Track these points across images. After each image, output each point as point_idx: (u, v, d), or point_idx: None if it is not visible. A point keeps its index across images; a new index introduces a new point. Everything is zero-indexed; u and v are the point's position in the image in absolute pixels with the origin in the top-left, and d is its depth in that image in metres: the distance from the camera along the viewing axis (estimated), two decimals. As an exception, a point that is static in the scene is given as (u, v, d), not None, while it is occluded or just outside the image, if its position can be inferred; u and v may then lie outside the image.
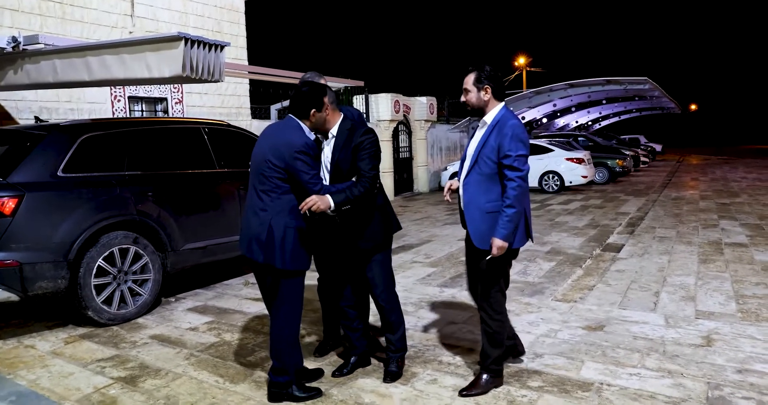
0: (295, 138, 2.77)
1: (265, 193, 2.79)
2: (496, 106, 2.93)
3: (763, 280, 5.10)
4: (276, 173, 2.76)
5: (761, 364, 3.23)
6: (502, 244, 2.78)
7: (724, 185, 14.73)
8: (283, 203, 2.78)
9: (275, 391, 2.92)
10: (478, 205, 2.88)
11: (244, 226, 2.90)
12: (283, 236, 2.76)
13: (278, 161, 2.74)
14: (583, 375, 3.15)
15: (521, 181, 2.77)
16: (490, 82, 2.90)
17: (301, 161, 2.73)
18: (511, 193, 2.76)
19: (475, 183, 2.89)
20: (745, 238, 7.11)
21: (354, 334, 3.29)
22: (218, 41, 4.36)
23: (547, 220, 9.24)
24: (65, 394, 3.07)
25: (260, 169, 2.80)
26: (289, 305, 2.87)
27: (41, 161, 4.09)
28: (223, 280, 5.57)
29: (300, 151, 2.73)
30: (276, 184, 2.77)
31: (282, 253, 2.76)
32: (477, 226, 2.88)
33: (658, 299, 4.58)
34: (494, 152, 2.83)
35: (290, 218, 2.78)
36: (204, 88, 11.13)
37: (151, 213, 4.56)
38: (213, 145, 5.33)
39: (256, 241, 2.79)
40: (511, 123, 2.84)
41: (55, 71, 4.77)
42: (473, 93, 2.93)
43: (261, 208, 2.80)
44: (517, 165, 2.77)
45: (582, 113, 27.67)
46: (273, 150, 2.77)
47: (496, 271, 2.92)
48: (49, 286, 3.96)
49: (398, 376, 3.15)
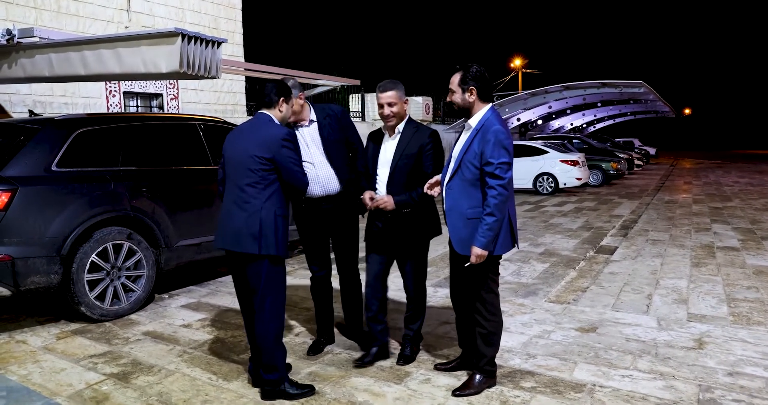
0: (277, 130, 2.89)
1: (251, 186, 2.85)
2: (482, 108, 2.88)
3: (754, 283, 5.14)
4: (263, 165, 2.83)
5: (752, 367, 3.26)
6: (481, 253, 2.74)
7: (717, 189, 14.83)
8: (269, 193, 2.85)
9: (269, 390, 2.91)
10: (460, 211, 2.84)
11: (225, 221, 2.93)
12: (275, 224, 2.83)
13: (266, 153, 2.82)
14: (575, 376, 3.16)
15: (502, 189, 2.71)
16: (476, 83, 2.84)
17: (287, 149, 2.85)
18: (491, 201, 2.71)
19: (458, 188, 2.86)
20: (737, 242, 7.17)
21: (378, 325, 3.37)
22: (215, 37, 4.34)
23: (541, 221, 9.27)
24: (57, 390, 3.06)
25: (244, 165, 2.86)
26: (274, 296, 2.91)
27: (35, 155, 4.06)
28: (217, 278, 5.55)
29: (285, 139, 2.85)
30: (263, 176, 2.84)
31: (276, 241, 2.83)
32: (458, 232, 2.85)
33: (651, 302, 4.60)
34: (477, 158, 2.79)
35: (278, 207, 2.87)
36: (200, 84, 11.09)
37: (146, 209, 4.54)
38: (208, 141, 5.31)
39: (247, 233, 2.82)
40: (495, 129, 2.76)
41: (50, 65, 4.74)
42: (458, 94, 2.89)
43: (245, 201, 2.85)
44: (498, 173, 2.71)
45: (577, 115, 27.81)
46: (258, 144, 2.85)
47: (480, 275, 2.91)
48: (41, 281, 3.93)
49: (412, 360, 3.37)
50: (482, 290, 2.93)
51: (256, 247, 2.81)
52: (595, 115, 28.88)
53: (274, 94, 2.98)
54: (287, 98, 3.03)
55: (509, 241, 2.89)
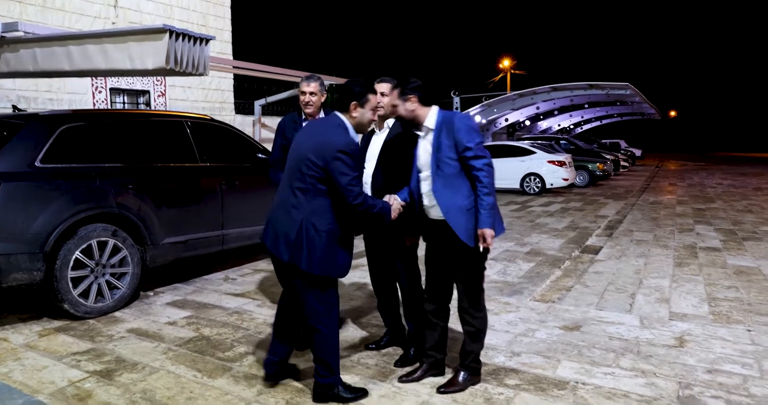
0: (338, 137, 2.66)
1: (301, 192, 2.68)
2: (429, 110, 2.95)
3: (734, 283, 5.23)
4: (314, 172, 2.64)
5: (730, 364, 3.32)
6: (492, 232, 2.80)
7: (701, 191, 15.03)
8: (317, 205, 2.67)
9: (321, 393, 2.85)
10: (458, 206, 2.85)
11: (272, 220, 2.80)
12: (313, 238, 2.66)
13: (318, 160, 2.63)
14: (559, 374, 3.20)
15: (489, 167, 2.80)
16: (414, 92, 2.91)
17: (342, 162, 2.60)
18: (485, 180, 2.79)
19: (445, 187, 2.86)
20: (719, 243, 7.28)
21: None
22: (203, 34, 4.33)
23: (528, 221, 9.34)
24: (38, 388, 3.03)
25: (299, 165, 2.69)
26: (323, 305, 2.76)
27: (18, 151, 4.02)
28: (204, 275, 5.53)
29: (342, 150, 2.60)
30: (313, 183, 2.66)
31: (309, 256, 2.65)
32: (464, 226, 2.83)
33: (634, 301, 4.66)
34: (452, 150, 2.83)
35: (323, 221, 2.67)
36: (187, 81, 11.02)
37: (131, 206, 4.51)
38: (196, 139, 5.28)
39: (284, 239, 2.69)
40: (458, 116, 2.90)
41: (35, 60, 4.69)
42: (400, 106, 2.94)
43: (293, 206, 2.69)
44: (480, 153, 2.80)
45: (564, 117, 28.05)
46: (315, 148, 2.66)
47: (480, 267, 2.95)
48: (23, 278, 3.89)
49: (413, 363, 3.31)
50: (473, 289, 2.96)
51: (287, 256, 2.68)
52: (582, 116, 29.16)
53: (347, 99, 2.78)
54: (361, 102, 2.80)
55: (500, 222, 2.95)
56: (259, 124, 13.27)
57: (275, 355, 3.02)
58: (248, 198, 5.51)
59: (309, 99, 3.67)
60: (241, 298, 4.78)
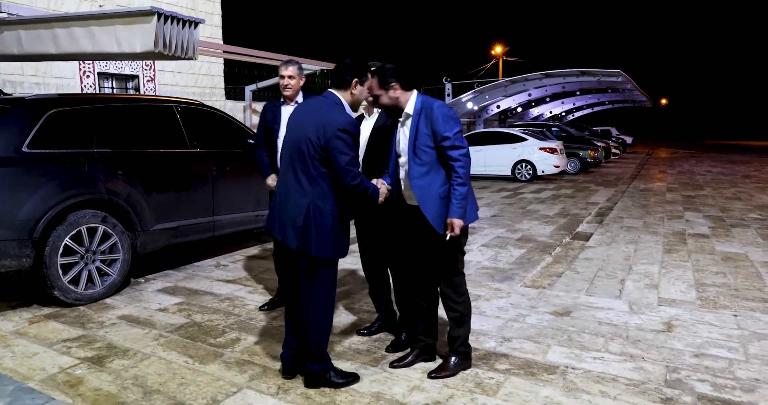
0: (338, 116, 2.63)
1: (306, 176, 2.65)
2: (410, 96, 2.91)
3: (722, 269, 5.29)
4: (317, 154, 2.60)
5: (716, 348, 3.37)
6: (460, 222, 2.81)
7: (690, 178, 15.15)
8: (323, 188, 2.66)
9: (313, 379, 2.85)
10: (433, 195, 2.83)
11: (278, 207, 2.78)
12: (321, 223, 2.65)
13: (320, 139, 2.59)
14: (549, 359, 3.23)
15: (465, 158, 2.79)
16: (395, 78, 2.86)
17: (342, 141, 2.56)
18: (460, 171, 2.78)
19: (421, 175, 2.84)
20: (708, 230, 7.35)
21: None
22: (192, 17, 4.27)
23: (519, 208, 9.37)
24: (29, 374, 3.02)
25: (298, 145, 2.66)
26: (326, 290, 2.80)
27: (4, 136, 3.95)
28: (195, 261, 5.51)
29: (343, 129, 2.56)
30: (317, 166, 2.62)
31: (318, 241, 2.65)
32: (436, 213, 2.83)
33: (624, 287, 4.71)
34: (430, 138, 2.82)
35: (327, 204, 2.66)
36: (177, 66, 10.88)
37: (121, 192, 4.47)
38: (186, 124, 5.22)
39: (291, 225, 2.68)
40: (437, 105, 2.84)
41: (19, 42, 4.60)
42: (383, 95, 2.89)
43: (298, 191, 2.67)
44: (458, 143, 2.78)
45: (556, 104, 28.02)
46: (315, 127, 2.61)
47: (451, 257, 2.94)
48: (12, 265, 3.85)
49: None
50: (451, 274, 2.97)
51: (295, 242, 2.67)
52: (573, 103, 29.14)
53: (349, 75, 2.72)
54: (362, 80, 2.78)
55: (474, 210, 2.95)
56: (249, 110, 13.16)
57: (291, 348, 2.98)
58: (239, 184, 5.48)
59: (287, 82, 3.85)
60: (232, 284, 4.78)
